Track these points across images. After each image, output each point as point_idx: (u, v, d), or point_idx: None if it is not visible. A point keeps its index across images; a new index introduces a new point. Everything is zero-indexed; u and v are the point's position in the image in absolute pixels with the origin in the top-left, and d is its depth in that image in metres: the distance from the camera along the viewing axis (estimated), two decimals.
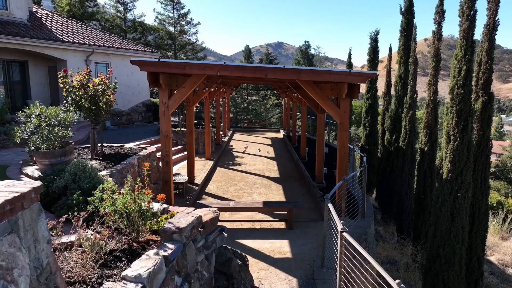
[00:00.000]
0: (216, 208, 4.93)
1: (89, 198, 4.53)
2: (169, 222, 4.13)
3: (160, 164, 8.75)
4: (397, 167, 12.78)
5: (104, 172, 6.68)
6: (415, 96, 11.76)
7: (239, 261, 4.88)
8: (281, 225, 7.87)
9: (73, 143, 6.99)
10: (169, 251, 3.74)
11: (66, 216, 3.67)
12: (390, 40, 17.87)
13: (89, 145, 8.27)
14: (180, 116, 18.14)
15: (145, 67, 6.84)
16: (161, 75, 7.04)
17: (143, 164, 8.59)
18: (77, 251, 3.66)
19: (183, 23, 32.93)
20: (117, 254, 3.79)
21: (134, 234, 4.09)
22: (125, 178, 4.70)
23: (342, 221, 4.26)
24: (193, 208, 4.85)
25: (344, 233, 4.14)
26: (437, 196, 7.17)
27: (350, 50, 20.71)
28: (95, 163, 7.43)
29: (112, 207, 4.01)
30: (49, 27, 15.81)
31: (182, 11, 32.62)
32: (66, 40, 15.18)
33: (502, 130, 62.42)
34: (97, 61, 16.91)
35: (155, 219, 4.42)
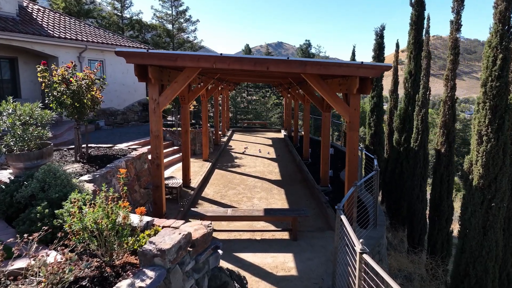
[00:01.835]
0: (210, 222, 4.17)
1: (56, 211, 3.78)
2: (151, 242, 3.38)
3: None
4: (408, 170, 11.97)
5: (85, 177, 5.93)
6: (428, 93, 10.94)
7: (236, 285, 4.13)
8: (285, 235, 7.11)
9: (51, 144, 6.24)
10: (148, 281, 2.99)
11: (12, 239, 2.90)
12: (391, 40, 17.18)
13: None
14: (177, 115, 17.38)
15: (132, 58, 6.08)
16: (150, 68, 6.28)
17: (131, 167, 7.87)
18: (33, 282, 2.91)
19: (182, 20, 32.18)
20: (84, 284, 3.04)
21: (107, 258, 3.34)
22: (98, 188, 3.94)
23: (361, 240, 3.50)
24: (182, 222, 4.10)
25: (365, 255, 3.39)
26: (466, 205, 6.32)
27: (354, 47, 19.98)
28: (77, 167, 6.68)
29: (80, 223, 3.26)
30: (40, 22, 15.07)
31: (181, 8, 31.89)
32: (57, 36, 14.45)
33: None
34: (90, 58, 16.20)
35: (134, 237, 3.68)
